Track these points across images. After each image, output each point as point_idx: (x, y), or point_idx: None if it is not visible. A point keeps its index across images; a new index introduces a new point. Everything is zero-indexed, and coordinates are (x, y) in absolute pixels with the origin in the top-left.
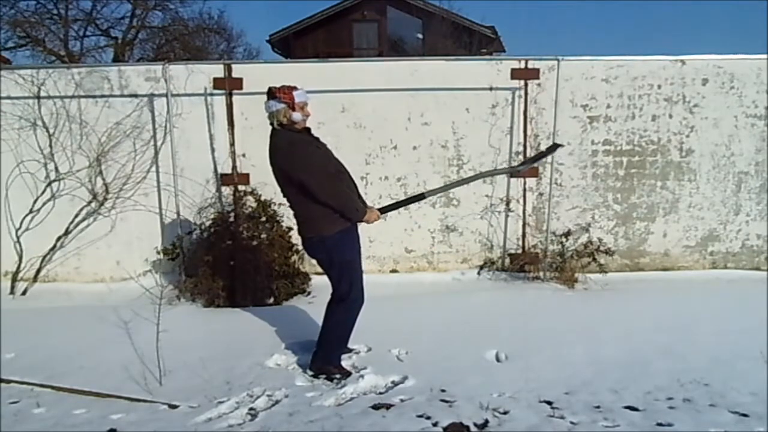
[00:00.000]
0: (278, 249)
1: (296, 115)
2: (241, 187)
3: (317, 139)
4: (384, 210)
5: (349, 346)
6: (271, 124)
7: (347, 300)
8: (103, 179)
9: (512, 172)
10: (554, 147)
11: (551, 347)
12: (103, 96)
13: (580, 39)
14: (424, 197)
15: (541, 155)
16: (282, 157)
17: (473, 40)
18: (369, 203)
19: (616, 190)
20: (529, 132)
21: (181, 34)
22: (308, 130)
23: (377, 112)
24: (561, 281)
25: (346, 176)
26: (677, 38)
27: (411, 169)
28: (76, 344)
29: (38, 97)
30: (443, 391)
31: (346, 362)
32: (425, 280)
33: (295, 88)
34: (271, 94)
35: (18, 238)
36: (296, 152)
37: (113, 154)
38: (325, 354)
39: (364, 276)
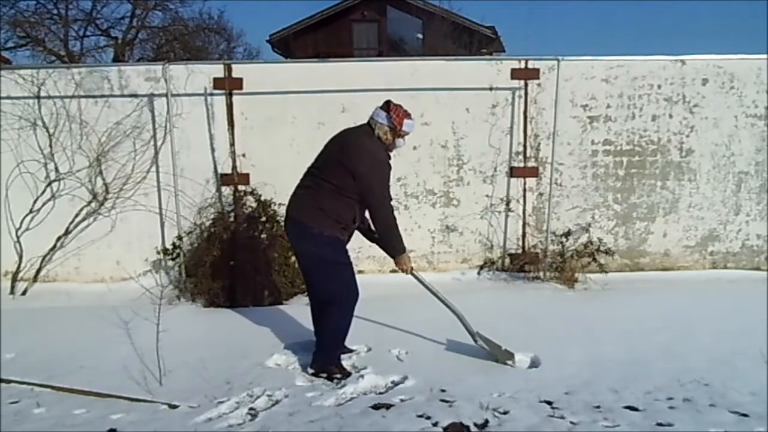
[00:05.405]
0: (278, 249)
1: (389, 137)
2: (241, 187)
3: (389, 164)
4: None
5: (349, 346)
6: (368, 123)
7: (340, 299)
8: (103, 179)
9: (472, 335)
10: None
11: (551, 347)
12: (103, 96)
13: (580, 39)
14: (437, 296)
15: (498, 351)
16: (352, 146)
17: (473, 40)
18: None
19: (616, 190)
20: (529, 132)
21: (181, 34)
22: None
23: None
24: (561, 281)
25: None
26: (677, 38)
27: (411, 169)
28: (76, 344)
29: (38, 97)
30: (443, 391)
31: (346, 362)
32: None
33: (409, 116)
34: (387, 106)
35: (18, 238)
36: (369, 155)
37: (113, 154)
38: (324, 354)
39: (365, 276)
